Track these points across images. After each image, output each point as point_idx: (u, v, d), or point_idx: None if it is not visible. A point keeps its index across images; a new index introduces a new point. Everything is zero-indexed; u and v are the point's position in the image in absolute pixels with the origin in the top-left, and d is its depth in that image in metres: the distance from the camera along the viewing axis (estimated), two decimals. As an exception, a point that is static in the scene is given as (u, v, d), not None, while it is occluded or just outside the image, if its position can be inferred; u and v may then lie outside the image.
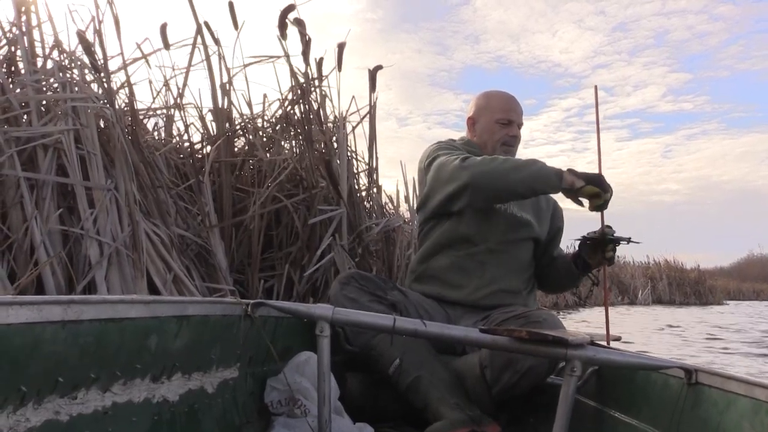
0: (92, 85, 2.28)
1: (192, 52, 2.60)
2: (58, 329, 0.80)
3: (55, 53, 2.30)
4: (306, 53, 2.66)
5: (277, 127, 2.90)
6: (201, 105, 2.78)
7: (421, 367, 1.51)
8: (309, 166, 2.62)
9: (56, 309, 0.79)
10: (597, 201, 1.60)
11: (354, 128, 2.97)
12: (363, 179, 3.04)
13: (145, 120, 2.74)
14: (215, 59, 2.61)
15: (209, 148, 2.69)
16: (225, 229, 2.45)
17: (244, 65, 2.72)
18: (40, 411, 0.78)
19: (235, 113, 2.79)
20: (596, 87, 1.85)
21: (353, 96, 2.98)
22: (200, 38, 2.58)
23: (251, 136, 2.83)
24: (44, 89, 2.21)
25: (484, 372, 1.49)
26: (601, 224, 1.70)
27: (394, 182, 4.10)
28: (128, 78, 2.42)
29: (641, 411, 1.23)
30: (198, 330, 1.12)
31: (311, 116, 2.74)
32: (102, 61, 2.23)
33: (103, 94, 2.23)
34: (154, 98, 2.77)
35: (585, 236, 1.74)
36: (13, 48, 2.22)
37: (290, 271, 2.47)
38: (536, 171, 1.60)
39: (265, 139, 2.92)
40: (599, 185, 1.57)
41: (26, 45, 2.18)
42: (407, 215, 3.25)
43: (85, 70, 2.28)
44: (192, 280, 2.18)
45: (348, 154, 2.84)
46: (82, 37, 2.19)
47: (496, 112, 1.85)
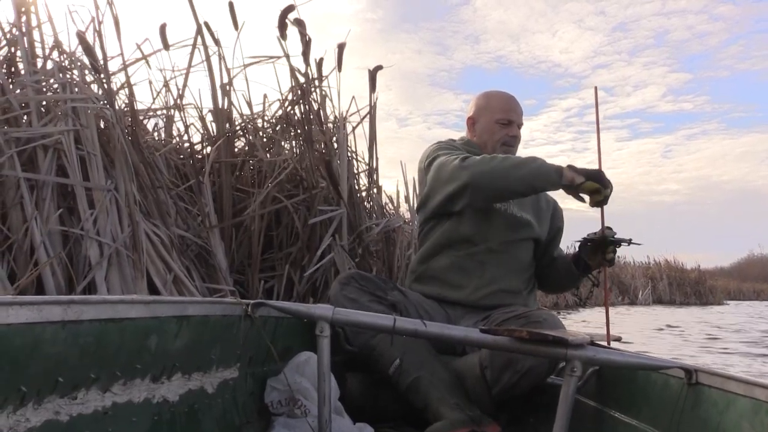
0: (92, 86, 2.28)
1: (192, 53, 2.60)
2: (58, 329, 0.80)
3: (55, 54, 2.30)
4: (306, 53, 2.66)
5: (278, 128, 2.89)
6: (201, 105, 2.78)
7: (421, 368, 1.51)
8: (309, 167, 2.62)
9: (56, 309, 0.79)
10: (597, 197, 1.60)
11: (354, 128, 2.97)
12: (363, 179, 3.04)
13: (145, 120, 2.74)
14: (215, 59, 2.61)
15: (209, 149, 2.68)
16: (225, 230, 2.45)
17: (245, 65, 2.72)
18: (40, 411, 0.78)
19: (235, 114, 2.79)
20: (596, 88, 1.85)
21: (353, 96, 2.98)
22: (200, 38, 2.57)
23: (251, 137, 2.83)
24: (44, 90, 2.20)
25: (485, 372, 1.49)
26: (602, 226, 1.70)
27: (395, 182, 4.11)
28: (128, 78, 2.42)
29: (641, 411, 1.23)
30: (198, 330, 1.12)
31: (311, 116, 2.74)
32: (102, 62, 2.23)
33: (103, 95, 2.23)
34: (154, 99, 2.77)
35: (585, 238, 1.74)
36: (13, 49, 2.22)
37: (290, 272, 2.47)
38: (536, 168, 1.60)
39: (266, 140, 2.92)
40: (599, 181, 1.57)
41: (26, 46, 2.18)
42: (407, 215, 3.25)
43: (85, 71, 2.28)
44: (192, 281, 2.18)
45: (348, 155, 2.84)
46: (82, 38, 2.19)
47: (496, 112, 1.85)
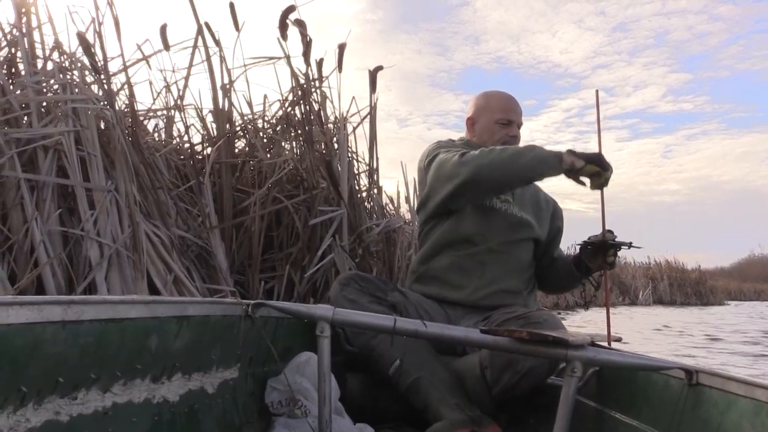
0: (92, 87, 2.28)
1: (192, 53, 2.60)
2: (59, 329, 0.80)
3: (56, 55, 2.30)
4: (306, 54, 2.67)
5: (278, 128, 2.90)
6: (201, 106, 2.79)
7: (422, 368, 1.51)
8: (309, 167, 2.62)
9: (56, 309, 0.79)
10: (598, 180, 1.60)
11: (354, 129, 2.98)
12: (363, 180, 3.04)
13: (146, 121, 2.74)
14: (216, 60, 2.61)
15: (210, 149, 2.69)
16: (225, 230, 2.45)
17: (245, 66, 2.72)
18: (41, 411, 0.78)
19: (236, 114, 2.80)
20: (597, 91, 1.84)
21: (353, 97, 2.98)
22: (201, 39, 2.58)
23: (252, 137, 2.83)
24: (44, 91, 2.20)
25: (485, 372, 1.49)
26: (603, 229, 1.71)
27: (395, 183, 4.11)
28: (128, 79, 2.42)
29: (642, 412, 1.23)
30: (198, 330, 1.12)
31: (312, 117, 2.75)
32: (102, 63, 2.23)
33: (104, 96, 2.23)
34: (155, 99, 2.77)
35: (586, 241, 1.74)
36: (14, 49, 2.22)
37: (291, 272, 2.47)
38: (536, 156, 1.59)
39: (266, 140, 2.92)
40: (599, 164, 1.57)
41: (26, 46, 2.18)
42: (408, 216, 3.25)
43: (86, 72, 2.28)
44: (192, 282, 2.18)
45: (348, 155, 2.84)
46: (83, 39, 2.19)
47: (496, 113, 1.85)
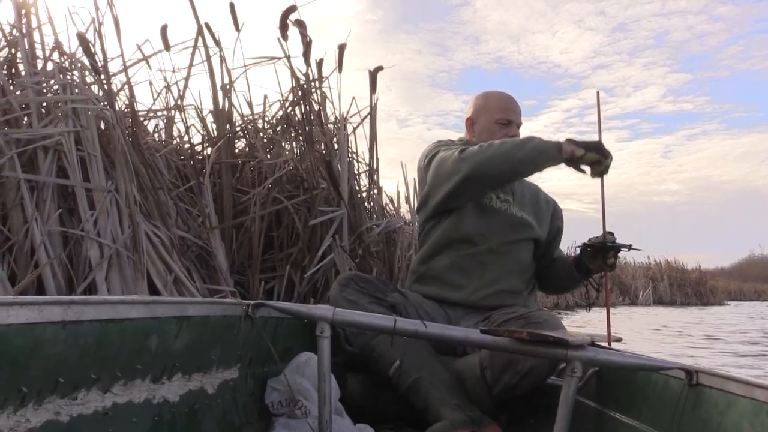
0: (93, 87, 2.28)
1: (193, 54, 2.60)
2: (59, 330, 0.80)
3: (56, 55, 2.30)
4: (307, 54, 2.67)
5: (278, 129, 2.89)
6: (201, 106, 2.79)
7: (422, 368, 1.51)
8: (310, 167, 2.62)
9: (56, 309, 0.79)
10: (598, 167, 1.59)
11: (354, 129, 2.97)
12: (364, 180, 3.04)
13: (146, 121, 2.74)
14: (216, 60, 2.61)
15: (210, 150, 2.69)
16: (225, 231, 2.45)
17: (245, 66, 2.72)
18: (41, 411, 0.78)
19: (236, 114, 2.80)
20: (598, 93, 1.84)
21: (354, 97, 2.98)
22: (201, 39, 2.58)
23: (252, 138, 2.83)
24: (44, 91, 2.21)
25: (485, 373, 1.49)
26: (603, 231, 1.71)
27: (395, 183, 4.10)
28: (128, 80, 2.42)
29: (642, 412, 1.23)
30: (198, 331, 1.12)
31: (312, 117, 2.75)
32: (102, 63, 2.23)
33: (104, 96, 2.23)
34: (155, 100, 2.77)
35: (586, 243, 1.74)
36: (14, 50, 2.22)
37: (291, 272, 2.47)
38: (535, 147, 1.60)
39: (266, 141, 2.92)
40: (599, 152, 1.57)
41: (26, 47, 2.18)
42: (408, 216, 3.25)
43: (86, 72, 2.28)
44: (192, 282, 2.18)
45: (349, 155, 2.84)
46: (83, 39, 2.19)
47: (495, 113, 1.85)
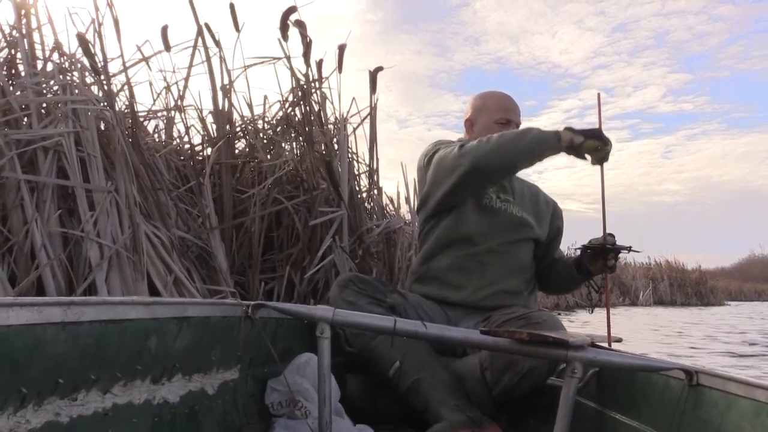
0: (92, 88, 2.28)
1: (193, 54, 2.60)
2: (59, 330, 0.80)
3: (55, 56, 2.30)
4: (307, 55, 2.67)
5: (278, 129, 2.90)
6: (201, 107, 2.79)
7: (422, 369, 1.51)
8: (310, 168, 2.62)
9: (56, 310, 0.79)
10: (599, 154, 1.60)
11: (354, 130, 2.97)
12: (364, 181, 3.04)
13: (146, 122, 2.74)
14: (216, 61, 2.61)
15: (210, 150, 2.69)
16: (225, 231, 2.45)
17: (245, 67, 2.72)
18: (41, 412, 0.78)
19: (236, 115, 2.80)
20: (599, 95, 1.84)
21: (354, 97, 2.98)
22: (201, 40, 2.58)
23: (252, 138, 2.83)
24: (44, 92, 2.21)
25: (485, 373, 1.49)
26: (603, 233, 1.71)
27: (395, 184, 4.10)
28: (128, 80, 2.42)
29: (642, 412, 1.23)
30: (198, 331, 1.12)
31: (312, 118, 2.75)
32: (102, 64, 2.23)
33: (104, 97, 2.23)
34: (155, 100, 2.77)
35: (586, 245, 1.75)
36: (14, 51, 2.22)
37: (291, 273, 2.47)
38: (534, 137, 1.60)
39: (266, 141, 2.92)
40: (598, 138, 1.57)
41: (26, 47, 2.18)
42: (408, 217, 3.25)
43: (86, 73, 2.28)
44: (192, 282, 2.18)
45: (349, 156, 2.84)
46: (82, 40, 2.19)
47: (494, 113, 1.85)
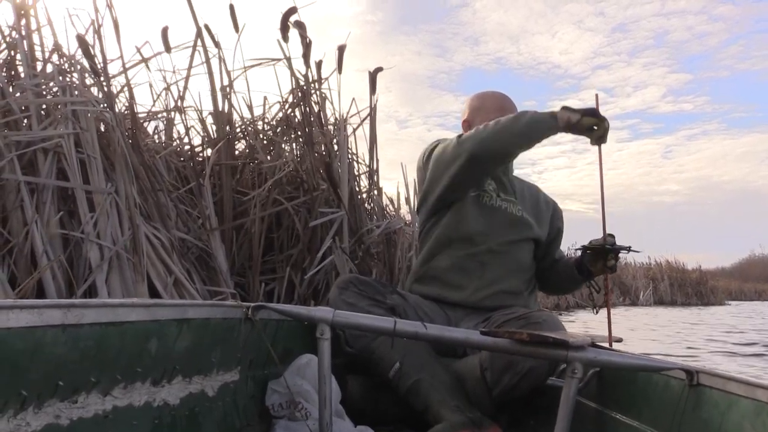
0: (92, 89, 2.28)
1: (192, 55, 2.60)
2: (59, 333, 0.80)
3: (55, 57, 2.30)
4: (306, 56, 2.67)
5: (278, 130, 2.90)
6: (201, 108, 2.79)
7: (422, 370, 1.51)
8: (310, 169, 2.62)
9: (56, 313, 0.79)
10: (597, 133, 1.61)
11: (354, 130, 2.97)
12: (364, 181, 3.04)
13: (146, 123, 2.74)
14: (216, 62, 2.61)
15: (210, 151, 2.69)
16: (226, 232, 2.45)
17: (245, 68, 2.72)
18: (41, 415, 0.78)
19: (236, 116, 2.80)
20: (597, 95, 1.84)
21: (353, 98, 2.98)
22: (200, 41, 2.58)
23: (252, 139, 2.83)
24: (44, 93, 2.21)
25: (485, 374, 1.49)
26: (603, 233, 1.71)
27: (395, 184, 4.10)
28: (128, 81, 2.42)
29: (642, 412, 1.23)
30: (198, 333, 1.12)
31: (312, 119, 2.75)
32: (102, 65, 2.23)
33: (103, 98, 2.23)
34: (155, 101, 2.78)
35: (586, 246, 1.75)
36: (13, 52, 2.22)
37: (291, 274, 2.47)
38: (531, 118, 1.62)
39: (266, 142, 2.92)
40: (595, 115, 1.59)
41: (26, 49, 2.18)
42: (408, 217, 3.25)
43: (85, 74, 2.28)
44: (193, 284, 2.18)
45: (348, 157, 2.84)
46: (82, 41, 2.19)
47: (491, 112, 1.84)
